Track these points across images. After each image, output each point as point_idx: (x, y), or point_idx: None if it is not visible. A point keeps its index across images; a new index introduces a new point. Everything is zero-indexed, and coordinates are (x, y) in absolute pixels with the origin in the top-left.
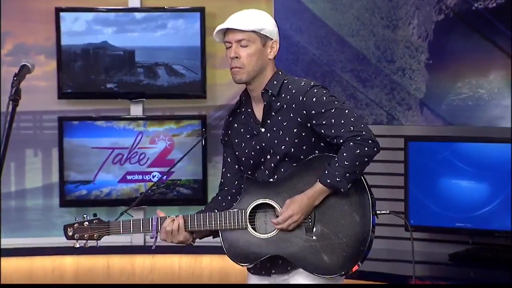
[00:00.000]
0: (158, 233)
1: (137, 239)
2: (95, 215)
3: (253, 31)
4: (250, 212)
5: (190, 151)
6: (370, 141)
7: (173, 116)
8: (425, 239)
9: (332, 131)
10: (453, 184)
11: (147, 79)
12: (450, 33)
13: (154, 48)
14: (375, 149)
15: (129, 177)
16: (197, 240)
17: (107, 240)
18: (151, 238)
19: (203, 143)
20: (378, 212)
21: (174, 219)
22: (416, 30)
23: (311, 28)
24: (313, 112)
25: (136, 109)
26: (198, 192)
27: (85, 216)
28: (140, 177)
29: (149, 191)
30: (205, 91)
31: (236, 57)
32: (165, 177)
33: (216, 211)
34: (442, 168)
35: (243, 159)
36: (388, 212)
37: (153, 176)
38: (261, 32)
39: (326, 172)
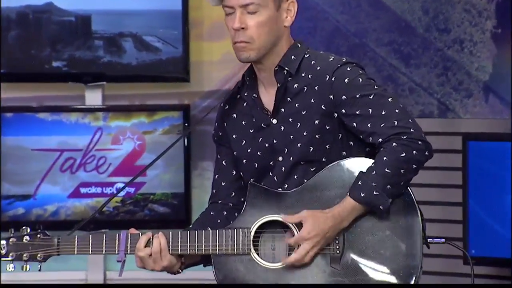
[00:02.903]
0: (127, 254)
1: (96, 272)
2: (39, 227)
3: None
4: (255, 233)
5: (166, 152)
6: (420, 142)
7: (145, 106)
8: (491, 276)
9: (368, 125)
10: None
11: (108, 55)
12: None
13: (118, 12)
14: (427, 153)
15: (83, 190)
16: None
17: (48, 269)
18: (118, 261)
19: (186, 142)
20: (430, 240)
21: (151, 237)
22: None
23: None
24: (343, 97)
25: (93, 97)
26: (178, 210)
27: (24, 228)
28: (99, 189)
29: (110, 209)
30: (188, 72)
31: (243, 28)
32: (132, 189)
33: (209, 229)
34: None
35: (244, 161)
36: (443, 240)
37: (117, 189)
38: None
39: (360, 182)
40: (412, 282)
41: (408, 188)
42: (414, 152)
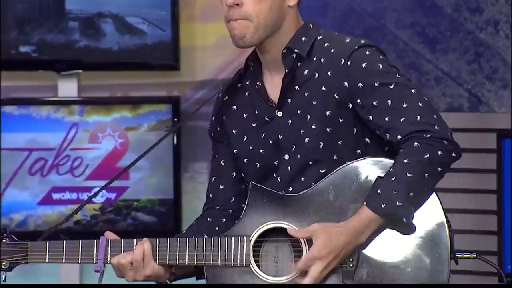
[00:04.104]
0: (106, 264)
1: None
2: (5, 231)
3: None
4: (255, 241)
5: (151, 150)
6: (445, 141)
7: (127, 98)
8: None
9: (386, 118)
10: None
11: (86, 39)
12: None
13: None
14: (454, 154)
15: (56, 196)
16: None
17: (14, 281)
18: (96, 271)
19: (175, 140)
20: (458, 254)
21: (134, 244)
22: None
23: None
24: (360, 85)
25: (67, 87)
26: (166, 219)
27: None
28: (74, 195)
29: (87, 218)
30: (177, 59)
31: (237, 4)
32: (112, 195)
33: (206, 237)
34: None
35: (245, 161)
36: (474, 255)
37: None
38: None
39: (379, 191)
40: None
41: (434, 193)
42: (439, 153)
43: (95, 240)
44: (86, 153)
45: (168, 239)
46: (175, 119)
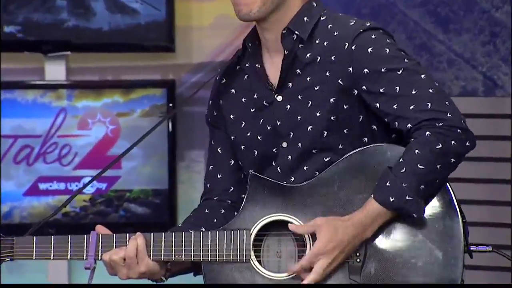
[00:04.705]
0: (98, 260)
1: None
2: None
3: None
4: (256, 235)
5: (144, 138)
6: (459, 130)
7: (119, 82)
8: None
9: (394, 106)
10: None
11: (74, 18)
12: None
13: None
14: (468, 143)
15: (42, 186)
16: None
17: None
18: (86, 268)
19: (170, 127)
20: (473, 247)
21: (127, 238)
22: None
23: None
24: (365, 70)
25: (55, 70)
26: (161, 211)
27: None
28: (62, 185)
29: (76, 209)
30: (172, 40)
31: None
32: (103, 185)
33: (203, 229)
34: None
35: (242, 148)
36: (489, 248)
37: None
38: None
39: (388, 183)
40: None
41: (446, 183)
42: (453, 142)
43: (85, 235)
44: (75, 141)
45: (163, 233)
46: (170, 104)
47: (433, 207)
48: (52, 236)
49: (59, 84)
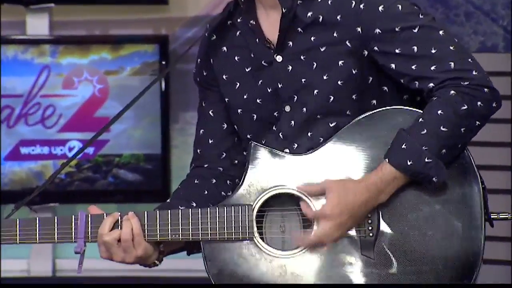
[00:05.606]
0: (87, 243)
1: (41, 261)
2: None
3: None
4: (258, 210)
5: (136, 100)
6: (486, 89)
7: (107, 37)
8: None
9: (413, 67)
10: None
11: None
12: None
13: None
14: (494, 104)
15: (24, 151)
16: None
17: None
18: (76, 252)
19: (163, 87)
20: (493, 215)
21: (120, 219)
22: None
23: None
24: (377, 31)
25: (37, 24)
26: (153, 177)
27: None
28: (46, 149)
29: (61, 176)
30: None
31: None
32: (90, 150)
33: (194, 204)
34: None
35: (239, 111)
36: (509, 216)
37: (71, 149)
38: None
39: (404, 145)
40: (474, 272)
41: (466, 150)
42: (479, 103)
43: (73, 216)
44: (60, 101)
45: (157, 211)
46: (163, 62)
47: (450, 173)
48: (37, 218)
49: (42, 39)
